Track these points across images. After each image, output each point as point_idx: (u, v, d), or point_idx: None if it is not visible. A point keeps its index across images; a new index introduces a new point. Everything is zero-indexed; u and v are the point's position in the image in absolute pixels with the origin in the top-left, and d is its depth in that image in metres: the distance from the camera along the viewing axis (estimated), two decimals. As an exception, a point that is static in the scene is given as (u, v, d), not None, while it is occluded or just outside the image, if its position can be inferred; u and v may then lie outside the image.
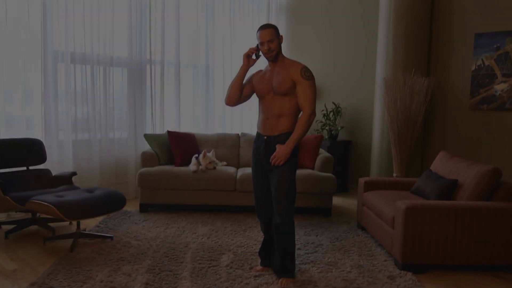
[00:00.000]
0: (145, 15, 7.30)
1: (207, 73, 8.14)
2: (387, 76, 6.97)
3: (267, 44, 3.92)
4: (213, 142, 7.21)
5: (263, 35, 3.92)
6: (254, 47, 4.05)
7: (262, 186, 4.14)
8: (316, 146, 6.74)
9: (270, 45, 3.92)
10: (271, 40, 3.91)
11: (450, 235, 4.30)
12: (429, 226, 4.28)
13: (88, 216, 4.65)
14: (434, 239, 4.30)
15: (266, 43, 3.92)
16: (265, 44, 3.92)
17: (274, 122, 3.97)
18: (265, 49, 3.94)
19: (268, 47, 3.92)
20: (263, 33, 3.93)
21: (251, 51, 4.06)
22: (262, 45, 3.95)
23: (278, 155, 3.86)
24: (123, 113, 7.28)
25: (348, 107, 8.26)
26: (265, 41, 3.92)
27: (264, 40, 3.92)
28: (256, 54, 4.08)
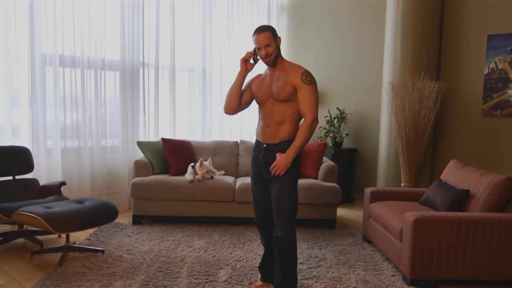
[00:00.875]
0: (138, 16, 7.34)
1: (204, 77, 8.17)
2: (395, 80, 6.99)
3: (264, 49, 3.90)
4: (210, 150, 7.23)
5: (259, 40, 3.91)
6: (251, 51, 4.05)
7: (262, 196, 4.15)
8: (320, 154, 6.76)
9: (267, 49, 3.90)
10: (268, 44, 3.90)
11: (462, 248, 4.30)
12: (439, 239, 4.29)
13: (78, 229, 4.66)
14: (445, 252, 4.31)
15: (263, 48, 3.90)
16: (262, 49, 3.91)
17: (274, 130, 3.97)
18: (263, 54, 3.93)
19: (265, 52, 3.91)
20: (259, 38, 3.91)
21: (248, 55, 4.06)
22: (259, 50, 3.94)
23: (278, 164, 3.85)
24: (115, 119, 7.30)
25: (353, 113, 8.28)
26: (261, 46, 3.90)
27: (260, 45, 3.91)
28: (254, 58, 4.09)
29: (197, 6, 8.04)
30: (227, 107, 4.17)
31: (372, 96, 8.02)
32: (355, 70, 8.28)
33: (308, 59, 8.70)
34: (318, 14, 8.75)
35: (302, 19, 8.95)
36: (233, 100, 4.13)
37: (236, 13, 8.49)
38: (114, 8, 7.14)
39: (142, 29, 7.38)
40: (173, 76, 7.75)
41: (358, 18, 8.25)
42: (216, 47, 8.30)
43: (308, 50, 8.87)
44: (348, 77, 8.36)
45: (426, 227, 4.28)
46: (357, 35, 8.26)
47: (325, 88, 8.54)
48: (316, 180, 6.49)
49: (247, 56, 4.07)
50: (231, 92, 4.13)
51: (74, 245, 5.21)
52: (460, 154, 7.02)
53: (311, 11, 8.85)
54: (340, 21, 8.48)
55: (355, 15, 8.29)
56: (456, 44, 7.05)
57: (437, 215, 4.32)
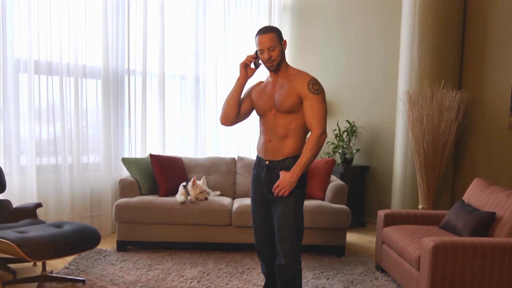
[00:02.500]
0: (123, 17, 7.40)
1: (196, 85, 8.23)
2: (411, 89, 7.01)
3: (268, 52, 3.94)
4: (204, 168, 7.27)
5: (263, 41, 3.94)
6: (252, 55, 4.09)
7: (263, 220, 4.16)
8: (327, 172, 6.80)
9: (271, 53, 3.94)
10: (272, 47, 3.94)
11: (487, 278, 4.32)
12: (461, 267, 4.31)
13: (56, 256, 4.68)
14: (468, 283, 4.32)
15: (266, 51, 3.94)
16: (265, 52, 3.95)
17: (277, 145, 3.99)
18: (265, 58, 3.96)
19: (268, 55, 3.95)
20: (263, 39, 3.95)
21: (248, 59, 4.10)
22: (261, 53, 3.98)
23: (282, 184, 3.86)
24: (97, 133, 7.35)
25: (364, 126, 8.33)
26: (265, 49, 3.94)
27: (263, 48, 3.95)
28: (255, 63, 4.11)
29: (189, 6, 8.11)
30: (223, 117, 4.21)
31: (386, 107, 8.07)
32: (367, 78, 8.33)
33: (314, 65, 8.76)
34: (325, 14, 8.83)
35: (307, 20, 9.02)
36: (230, 110, 4.16)
37: (233, 13, 8.56)
38: (96, 9, 7.19)
39: (127, 32, 7.44)
40: (162, 84, 7.82)
41: (370, 19, 8.31)
42: (211, 51, 8.36)
43: (313, 55, 8.93)
44: (359, 85, 8.42)
45: (446, 254, 4.30)
46: (369, 38, 8.32)
47: (333, 97, 8.59)
48: (323, 202, 6.52)
49: (247, 60, 4.10)
50: (228, 100, 4.16)
51: (51, 274, 5.22)
52: (485, 172, 7.04)
53: (317, 11, 8.93)
54: (349, 22, 8.55)
55: (366, 15, 8.35)
56: (481, 49, 7.07)
57: (459, 241, 4.34)
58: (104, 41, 7.23)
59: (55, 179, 6.95)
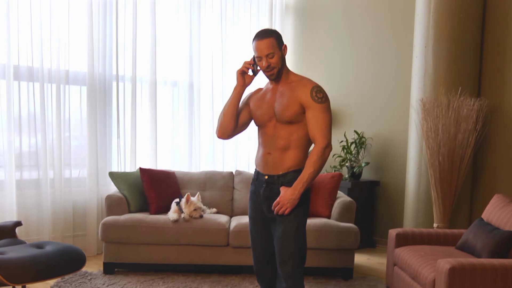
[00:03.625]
0: (110, 18, 7.43)
1: (190, 92, 8.27)
2: (426, 97, 7.01)
3: (266, 59, 3.92)
4: (199, 183, 7.28)
5: (260, 48, 3.93)
6: (249, 61, 4.08)
7: (262, 240, 4.17)
8: (333, 187, 6.81)
9: (270, 60, 3.93)
10: (271, 54, 3.92)
11: (508, 304, 4.33)
12: (480, 292, 4.32)
13: (37, 279, 4.67)
14: (487, 309, 4.33)
15: (265, 58, 3.92)
16: (264, 60, 3.93)
17: (278, 158, 3.99)
18: (264, 66, 3.95)
19: (267, 63, 3.93)
20: (260, 45, 3.93)
21: (246, 66, 4.09)
22: (259, 60, 3.97)
23: (283, 201, 3.86)
24: (81, 144, 7.36)
25: (374, 137, 8.35)
26: (263, 56, 3.92)
27: (261, 55, 3.93)
28: (253, 70, 4.11)
29: (182, 6, 8.14)
30: (220, 130, 4.21)
31: (397, 116, 8.08)
32: (377, 85, 8.35)
33: (319, 71, 8.79)
34: (331, 15, 8.86)
35: (311, 22, 9.04)
36: (228, 122, 4.16)
37: (230, 14, 8.59)
38: (80, 9, 7.20)
39: (115, 35, 7.47)
40: (154, 92, 7.84)
41: (380, 21, 8.32)
42: (206, 56, 8.39)
43: (318, 60, 8.97)
44: (368, 93, 8.44)
45: (464, 277, 4.30)
46: (379, 41, 8.34)
47: (340, 106, 8.62)
48: (329, 220, 6.53)
49: (244, 67, 4.08)
50: (225, 111, 4.16)
51: (31, 300, 5.23)
52: (506, 188, 7.03)
53: (323, 12, 8.96)
54: (358, 24, 8.57)
55: (377, 16, 8.37)
56: (502, 52, 7.07)
57: (477, 263, 4.35)
58: (89, 44, 7.24)
59: (36, 195, 6.95)
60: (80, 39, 7.23)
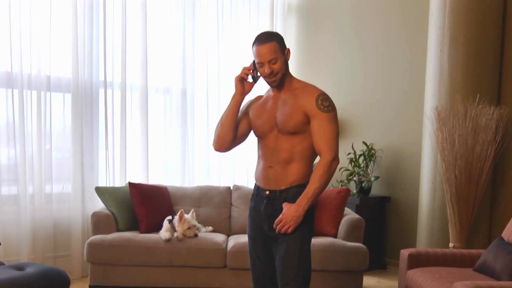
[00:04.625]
0: (97, 20, 7.44)
1: (184, 100, 8.28)
2: (441, 105, 6.99)
3: (268, 65, 3.90)
4: (193, 199, 7.30)
5: (262, 53, 3.90)
6: (249, 66, 4.07)
7: (263, 261, 4.17)
8: (340, 204, 6.83)
9: (272, 66, 3.91)
10: (274, 60, 3.90)
11: (530, 330, 4.33)
12: (499, 318, 4.33)
13: (17, 304, 4.70)
14: (508, 336, 4.34)
15: (267, 65, 3.90)
16: (265, 66, 3.91)
17: (280, 171, 3.98)
18: (266, 72, 3.93)
19: (270, 69, 3.91)
20: (262, 50, 3.90)
21: (245, 72, 4.07)
22: (261, 66, 3.94)
23: (286, 218, 3.83)
24: (65, 157, 7.37)
25: (385, 149, 8.34)
26: (265, 62, 3.90)
27: (263, 60, 3.90)
28: (253, 76, 4.09)
29: (175, 7, 8.15)
30: (217, 142, 4.20)
31: (410, 126, 8.06)
32: (388, 92, 8.33)
33: (324, 77, 8.78)
34: (338, 16, 8.86)
35: (316, 23, 9.06)
36: (226, 133, 4.15)
37: (228, 15, 8.60)
38: (64, 10, 7.21)
39: (103, 37, 7.47)
40: (145, 99, 7.84)
41: (391, 22, 8.30)
42: (201, 60, 8.41)
43: (323, 65, 8.98)
44: (378, 100, 8.43)
45: (482, 301, 4.32)
46: (390, 44, 8.32)
47: (347, 115, 8.63)
48: (336, 239, 6.56)
49: (243, 73, 4.06)
50: (223, 122, 4.15)
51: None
52: (529, 204, 7.05)
53: (329, 12, 8.97)
54: (367, 25, 8.56)
55: (387, 17, 8.34)
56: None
57: (497, 286, 4.36)
58: (73, 47, 7.23)
59: (15, 212, 6.94)
60: (63, 41, 7.23)
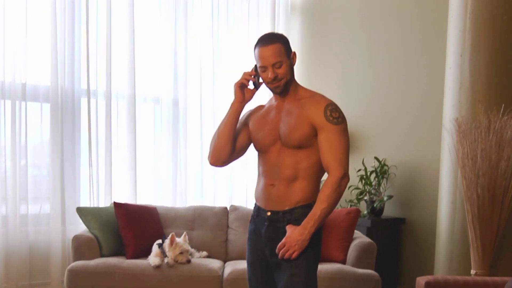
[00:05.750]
0: (79, 23, 7.47)
1: (175, 111, 8.31)
2: (461, 116, 6.95)
3: (272, 69, 3.90)
4: (186, 221, 7.32)
5: (265, 56, 3.90)
6: (250, 71, 4.09)
7: (264, 290, 4.22)
8: (349, 226, 6.86)
9: (277, 71, 3.91)
10: (279, 63, 3.90)
11: None
12: None
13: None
14: None
15: (271, 69, 3.90)
16: (269, 70, 3.91)
17: (283, 190, 3.98)
18: (270, 77, 3.93)
19: (274, 74, 3.91)
20: (265, 52, 3.91)
21: (246, 77, 4.09)
22: (263, 70, 3.95)
23: (290, 242, 3.83)
24: (43, 174, 7.38)
25: (399, 166, 8.32)
26: (268, 65, 3.90)
27: (267, 64, 3.91)
28: (254, 82, 4.11)
29: (166, 8, 8.17)
30: (213, 155, 4.21)
31: (427, 140, 8.03)
32: (402, 101, 8.30)
33: (331, 85, 8.79)
34: (347, 17, 8.87)
35: (322, 25, 9.10)
36: (223, 146, 4.16)
37: (224, 17, 8.63)
38: (42, 11, 7.23)
39: (86, 41, 7.50)
40: (132, 110, 7.85)
41: (406, 23, 8.25)
42: (194, 67, 8.42)
43: (331, 71, 9.01)
44: (392, 111, 8.41)
45: (507, 335, 4.35)
46: (405, 48, 8.28)
47: (357, 127, 8.63)
48: (345, 265, 6.58)
49: (244, 78, 4.08)
50: (220, 132, 4.15)
51: None
52: (560, 226, 7.07)
53: (337, 13, 8.99)
54: (380, 27, 8.53)
55: (402, 18, 8.30)
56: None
57: None
58: (52, 52, 7.26)
59: (-13, 235, 6.97)
60: (41, 45, 7.25)
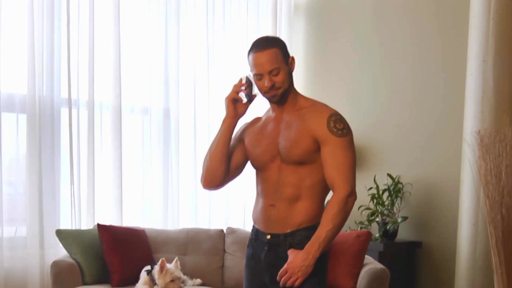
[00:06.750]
0: (59, 26, 7.46)
1: (166, 123, 8.31)
2: (484, 128, 6.94)
3: (269, 77, 3.88)
4: (178, 245, 7.34)
5: (261, 62, 3.88)
6: (239, 83, 4.06)
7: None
8: (360, 250, 6.88)
9: (274, 78, 3.89)
10: (276, 70, 3.88)
11: None
12: None
13: None
14: None
15: (268, 76, 3.87)
16: (265, 78, 3.89)
17: (284, 211, 3.97)
18: (266, 86, 3.91)
19: (270, 82, 3.89)
20: (261, 58, 3.88)
21: (236, 90, 4.07)
22: (259, 78, 3.93)
23: (292, 268, 3.79)
24: (19, 192, 7.40)
25: (414, 183, 8.28)
26: (265, 73, 3.88)
27: (263, 71, 3.88)
28: (247, 94, 4.08)
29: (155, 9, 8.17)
30: (206, 178, 4.22)
31: (446, 155, 8.01)
32: (418, 112, 8.28)
33: (339, 93, 8.83)
34: (356, 18, 8.87)
35: (329, 27, 9.12)
36: (216, 166, 4.15)
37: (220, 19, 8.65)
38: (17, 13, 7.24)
39: (67, 46, 7.48)
40: (118, 121, 7.83)
41: (422, 25, 8.22)
42: (187, 74, 8.44)
43: (338, 78, 9.03)
44: (406, 123, 8.39)
45: None
46: (420, 53, 8.24)
47: (368, 141, 8.64)
48: (354, 294, 6.60)
49: (234, 92, 4.08)
50: (212, 153, 4.15)
51: None
52: None
53: (345, 14, 9.00)
54: (393, 29, 8.50)
55: (418, 19, 8.26)
56: None
57: None
58: (29, 58, 7.23)
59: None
60: (17, 50, 7.26)
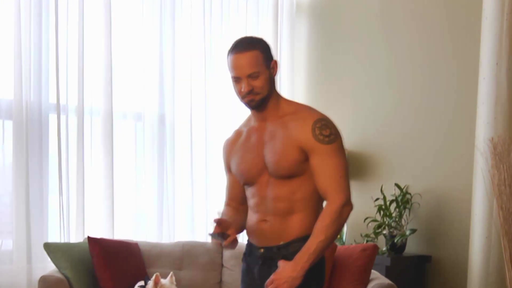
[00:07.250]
0: (47, 28, 7.46)
1: (161, 129, 8.29)
2: (497, 136, 6.93)
3: (247, 81, 3.84)
4: (173, 259, 7.33)
5: (240, 64, 3.84)
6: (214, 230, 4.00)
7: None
8: (365, 265, 6.86)
9: (252, 83, 3.84)
10: (255, 74, 3.83)
11: None
12: None
13: None
14: None
15: (246, 80, 3.83)
16: (244, 82, 3.84)
17: (277, 225, 3.96)
18: (244, 91, 3.87)
19: (249, 87, 3.85)
20: (240, 60, 3.84)
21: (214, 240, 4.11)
22: (237, 81, 3.89)
23: (279, 280, 3.71)
24: (4, 203, 7.39)
25: (423, 194, 8.25)
26: (243, 77, 3.83)
27: (241, 75, 3.84)
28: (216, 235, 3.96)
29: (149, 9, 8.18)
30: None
31: (457, 163, 7.99)
32: (427, 118, 8.26)
33: (342, 99, 8.85)
34: (362, 19, 8.87)
35: (333, 28, 9.13)
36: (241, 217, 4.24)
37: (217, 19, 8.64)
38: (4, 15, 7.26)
39: (54, 49, 7.47)
40: (109, 128, 7.81)
41: (432, 27, 8.21)
42: (183, 78, 8.43)
43: (343, 82, 9.01)
44: (415, 130, 8.37)
45: None
46: (430, 56, 8.23)
47: (374, 149, 8.61)
48: (359, 312, 6.59)
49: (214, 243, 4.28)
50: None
51: None
52: None
53: (350, 15, 9.00)
54: (401, 31, 8.49)
55: (427, 21, 8.25)
56: None
57: None
58: (16, 62, 7.22)
59: None
60: (2, 53, 7.28)
